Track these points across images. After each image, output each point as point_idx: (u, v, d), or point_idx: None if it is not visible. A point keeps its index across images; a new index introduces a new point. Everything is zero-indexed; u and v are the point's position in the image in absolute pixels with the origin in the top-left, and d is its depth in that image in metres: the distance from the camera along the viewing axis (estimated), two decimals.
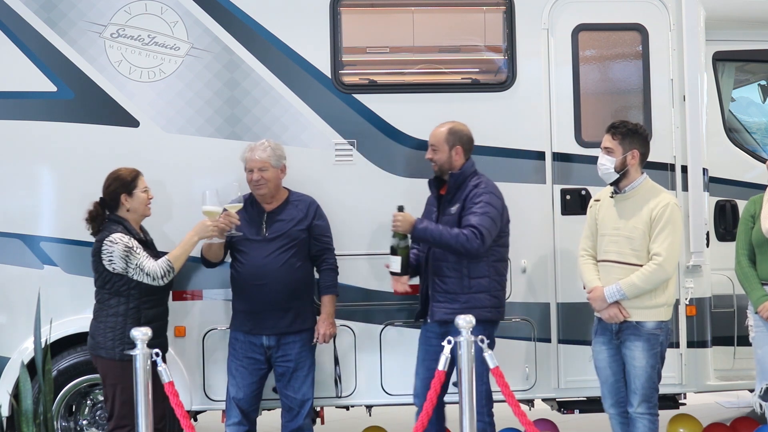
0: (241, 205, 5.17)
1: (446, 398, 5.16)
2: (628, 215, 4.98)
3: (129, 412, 4.85)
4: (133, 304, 5.08)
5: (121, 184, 5.15)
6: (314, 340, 5.36)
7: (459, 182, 5.24)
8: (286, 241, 5.28)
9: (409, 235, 5.17)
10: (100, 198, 5.20)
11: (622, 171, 5.01)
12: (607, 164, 5.03)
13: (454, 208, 5.19)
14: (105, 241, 5.03)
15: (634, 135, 5.04)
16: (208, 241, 5.23)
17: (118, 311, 5.07)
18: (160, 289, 5.15)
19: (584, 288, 5.20)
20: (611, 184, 5.08)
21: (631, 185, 5.03)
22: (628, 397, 5.05)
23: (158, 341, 5.16)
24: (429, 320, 5.25)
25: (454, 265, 5.14)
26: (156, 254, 5.19)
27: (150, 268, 5.02)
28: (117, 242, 5.00)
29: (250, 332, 5.30)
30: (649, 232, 4.92)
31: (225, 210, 5.13)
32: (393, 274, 5.25)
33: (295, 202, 5.39)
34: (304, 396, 5.32)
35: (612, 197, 5.08)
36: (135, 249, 5.02)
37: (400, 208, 5.16)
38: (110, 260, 5.01)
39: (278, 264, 5.24)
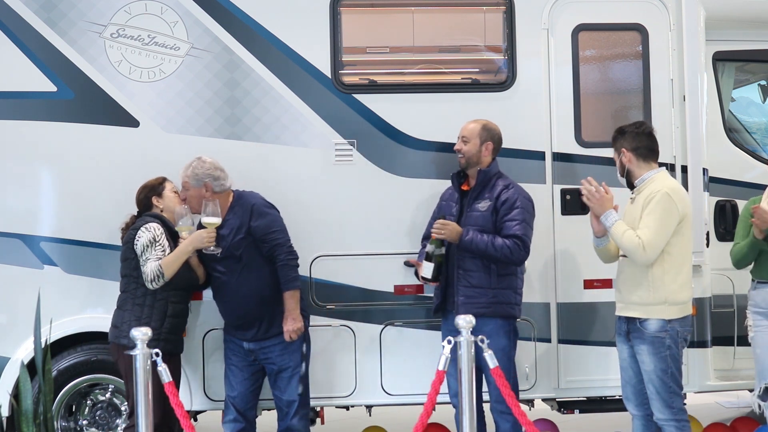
0: (219, 220, 5.12)
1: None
2: (636, 208, 4.94)
3: (153, 408, 4.89)
4: (162, 296, 5.14)
5: (150, 189, 5.31)
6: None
7: (486, 180, 5.28)
8: (233, 254, 5.21)
9: (444, 243, 5.20)
10: (137, 211, 5.33)
11: (625, 172, 5.02)
12: (618, 173, 5.07)
13: (483, 205, 5.22)
14: (142, 227, 5.13)
15: (618, 136, 5.07)
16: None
17: (146, 301, 5.14)
18: (189, 286, 5.25)
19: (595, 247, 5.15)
20: (628, 187, 5.06)
21: (641, 179, 4.99)
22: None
23: (179, 338, 5.27)
24: (455, 313, 5.18)
25: (482, 259, 5.17)
26: None
27: (146, 269, 5.07)
28: (150, 231, 5.11)
29: (234, 336, 5.36)
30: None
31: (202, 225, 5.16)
32: (423, 280, 5.27)
33: (235, 208, 5.27)
34: (290, 396, 5.32)
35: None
36: (156, 245, 5.10)
37: (443, 217, 5.18)
38: (136, 243, 5.12)
39: (233, 279, 5.23)
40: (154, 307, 5.14)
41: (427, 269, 5.21)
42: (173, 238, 5.24)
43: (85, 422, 5.67)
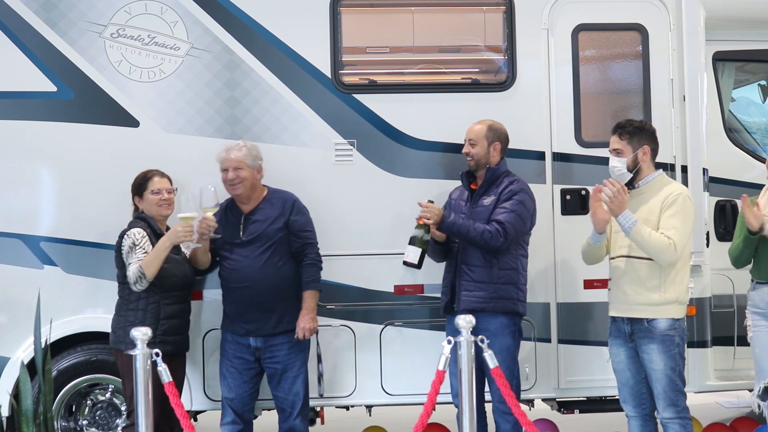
0: (216, 208, 5.15)
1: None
2: (642, 208, 4.94)
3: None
4: (154, 299, 5.14)
5: (134, 188, 5.30)
6: (295, 336, 5.31)
7: (494, 178, 5.28)
8: (264, 241, 5.25)
9: (430, 230, 5.18)
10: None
11: (635, 169, 4.98)
12: (618, 165, 4.99)
13: (488, 200, 5.24)
14: (125, 235, 5.15)
15: (641, 132, 5.01)
16: (188, 247, 5.24)
17: (139, 306, 5.14)
18: (181, 286, 5.22)
19: (586, 244, 5.13)
20: (626, 185, 5.03)
21: (645, 179, 5.00)
22: (654, 403, 4.96)
23: (180, 338, 5.25)
24: (456, 309, 5.20)
25: (484, 254, 5.17)
26: (179, 249, 5.29)
27: (129, 272, 5.08)
28: (130, 237, 5.12)
29: (238, 334, 5.30)
30: (659, 218, 4.87)
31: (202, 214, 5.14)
32: (407, 264, 5.19)
33: (272, 200, 5.36)
34: (294, 396, 5.32)
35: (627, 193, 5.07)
36: (137, 248, 5.09)
37: (431, 201, 5.18)
38: (121, 251, 5.13)
39: (258, 265, 5.23)
40: (147, 310, 5.13)
41: (413, 254, 5.15)
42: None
43: (85, 422, 5.67)
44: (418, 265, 5.19)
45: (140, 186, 5.27)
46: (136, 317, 5.12)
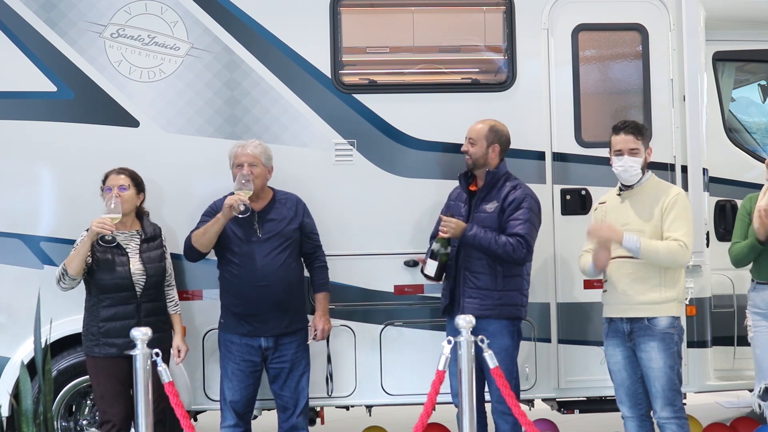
0: (250, 192, 5.08)
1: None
2: (638, 210, 4.97)
3: (108, 408, 5.05)
4: (93, 301, 5.15)
5: None
6: (312, 337, 5.37)
7: (494, 181, 5.27)
8: (282, 240, 5.27)
9: (449, 242, 5.19)
10: None
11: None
12: (635, 165, 4.99)
13: (490, 206, 5.22)
14: None
15: (646, 132, 5.11)
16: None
17: (85, 306, 5.19)
18: (115, 289, 5.10)
19: (586, 271, 5.16)
20: (622, 185, 5.06)
21: (639, 181, 5.03)
22: (650, 402, 4.97)
23: (121, 342, 5.04)
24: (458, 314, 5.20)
25: (488, 261, 5.16)
26: (150, 249, 5.23)
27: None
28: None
29: (248, 335, 5.26)
30: (661, 222, 4.91)
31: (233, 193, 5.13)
32: (425, 276, 5.26)
33: (283, 200, 5.37)
34: (299, 395, 5.32)
35: (619, 195, 5.07)
36: (72, 250, 5.11)
37: (450, 215, 5.19)
38: None
39: (277, 264, 5.23)
40: (90, 311, 5.15)
41: (431, 267, 5.20)
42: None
43: (85, 422, 5.67)
44: (436, 278, 5.24)
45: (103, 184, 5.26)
46: (84, 318, 5.17)
